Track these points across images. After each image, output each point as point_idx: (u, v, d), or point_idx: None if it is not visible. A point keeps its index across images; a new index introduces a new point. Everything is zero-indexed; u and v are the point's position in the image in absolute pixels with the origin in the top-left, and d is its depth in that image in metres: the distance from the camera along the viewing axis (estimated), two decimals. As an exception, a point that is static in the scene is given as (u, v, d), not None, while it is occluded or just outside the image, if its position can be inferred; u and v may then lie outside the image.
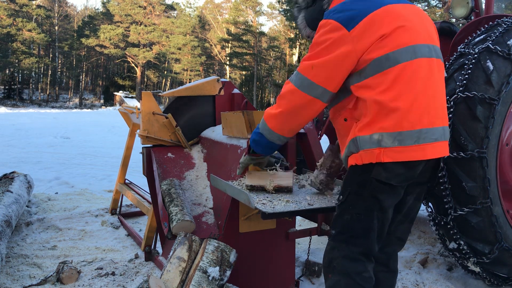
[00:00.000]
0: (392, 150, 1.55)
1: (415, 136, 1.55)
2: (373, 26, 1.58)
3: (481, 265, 2.52)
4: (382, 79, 1.57)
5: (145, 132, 2.77)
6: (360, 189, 1.65)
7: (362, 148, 1.60)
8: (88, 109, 34.14)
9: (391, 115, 1.54)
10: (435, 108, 1.62)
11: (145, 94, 2.82)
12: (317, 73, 1.64)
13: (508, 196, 2.68)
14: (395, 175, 1.60)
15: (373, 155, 1.57)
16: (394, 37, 1.58)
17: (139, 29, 38.61)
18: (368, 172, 1.61)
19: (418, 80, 1.58)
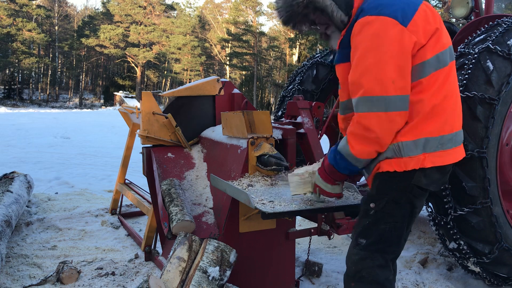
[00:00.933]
0: (435, 155, 1.54)
1: (453, 139, 1.57)
2: (425, 21, 1.52)
3: (481, 265, 2.52)
4: (435, 80, 1.52)
5: (145, 132, 2.77)
6: (399, 197, 1.59)
7: (406, 155, 1.52)
8: (88, 109, 34.14)
9: (437, 118, 1.52)
10: (460, 110, 1.64)
11: (145, 94, 2.82)
12: (401, 83, 1.47)
13: (508, 196, 2.68)
14: (434, 180, 1.58)
15: (418, 161, 1.52)
16: (440, 37, 1.54)
17: (139, 29, 38.61)
18: (408, 178, 1.56)
19: (455, 82, 1.59)
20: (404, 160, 1.53)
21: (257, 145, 2.32)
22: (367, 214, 1.64)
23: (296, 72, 4.09)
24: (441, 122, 1.53)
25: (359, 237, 1.65)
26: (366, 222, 1.64)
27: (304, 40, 31.44)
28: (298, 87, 3.87)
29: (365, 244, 1.64)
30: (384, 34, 1.46)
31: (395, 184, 1.59)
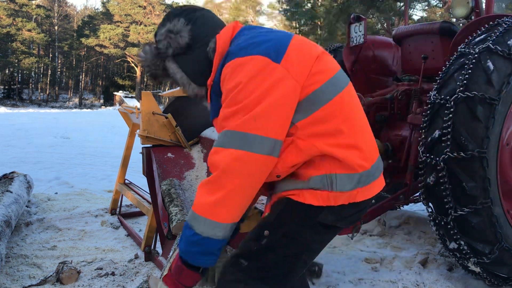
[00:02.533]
0: (366, 189, 1.40)
1: (376, 168, 1.43)
2: (300, 53, 1.35)
3: (482, 265, 2.51)
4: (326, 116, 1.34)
5: (145, 132, 2.76)
6: (297, 231, 1.40)
7: (339, 189, 1.35)
8: (88, 109, 34.12)
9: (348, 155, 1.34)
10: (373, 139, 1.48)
11: (145, 94, 2.82)
12: (264, 123, 1.28)
13: (508, 196, 2.68)
14: (344, 217, 1.41)
15: (350, 196, 1.36)
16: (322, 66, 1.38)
17: (139, 29, 38.60)
18: (313, 214, 1.37)
19: (356, 112, 1.43)
20: (310, 193, 1.35)
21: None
22: (258, 239, 1.43)
23: (296, 72, 4.08)
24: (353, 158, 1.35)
25: (241, 257, 1.44)
26: (254, 247, 1.43)
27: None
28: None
29: (246, 267, 1.42)
30: (254, 72, 1.30)
31: (298, 217, 1.39)
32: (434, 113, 2.57)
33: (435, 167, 2.48)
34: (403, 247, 3.42)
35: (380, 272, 2.92)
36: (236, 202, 1.34)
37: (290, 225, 1.40)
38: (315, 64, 1.36)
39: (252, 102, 1.29)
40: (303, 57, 1.35)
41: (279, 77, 1.30)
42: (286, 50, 1.34)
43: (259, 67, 1.31)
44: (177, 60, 1.52)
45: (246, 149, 1.28)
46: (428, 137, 2.56)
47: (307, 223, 1.39)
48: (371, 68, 3.94)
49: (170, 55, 1.51)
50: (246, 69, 1.32)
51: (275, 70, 1.30)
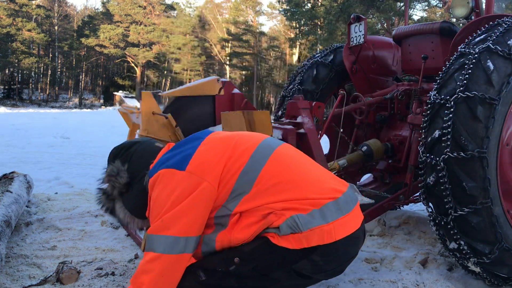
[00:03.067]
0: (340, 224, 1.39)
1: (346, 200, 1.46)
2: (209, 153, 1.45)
3: (482, 265, 2.51)
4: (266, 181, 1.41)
5: (145, 132, 2.76)
6: (268, 271, 1.40)
7: (307, 227, 1.35)
8: (88, 109, 34.12)
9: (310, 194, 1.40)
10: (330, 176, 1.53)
11: (145, 94, 2.82)
12: (171, 222, 1.36)
13: (508, 196, 2.68)
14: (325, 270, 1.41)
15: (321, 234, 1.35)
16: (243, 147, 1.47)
17: (139, 29, 38.59)
18: (289, 260, 1.38)
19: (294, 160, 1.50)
20: (306, 234, 1.35)
21: (257, 145, 2.31)
22: (226, 263, 1.43)
23: (296, 72, 4.09)
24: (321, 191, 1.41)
25: (202, 270, 1.45)
26: (219, 268, 1.44)
27: (304, 40, 31.44)
28: (298, 87, 3.86)
29: (203, 282, 1.44)
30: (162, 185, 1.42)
31: (273, 258, 1.39)
32: (434, 113, 2.57)
33: (435, 167, 2.48)
34: (403, 247, 3.42)
35: (380, 272, 2.92)
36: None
37: (263, 263, 1.40)
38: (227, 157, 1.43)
39: (163, 209, 1.37)
40: (211, 157, 1.43)
41: (185, 181, 1.38)
42: (192, 156, 1.43)
43: (166, 178, 1.41)
44: (122, 199, 1.62)
45: (155, 250, 1.36)
46: (428, 137, 2.56)
47: (281, 266, 1.39)
48: (371, 68, 3.94)
49: (117, 196, 1.61)
50: (156, 185, 1.43)
51: (181, 177, 1.39)
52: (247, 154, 1.45)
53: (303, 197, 1.39)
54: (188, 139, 1.59)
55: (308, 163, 1.55)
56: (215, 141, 1.52)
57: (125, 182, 1.59)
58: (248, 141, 1.51)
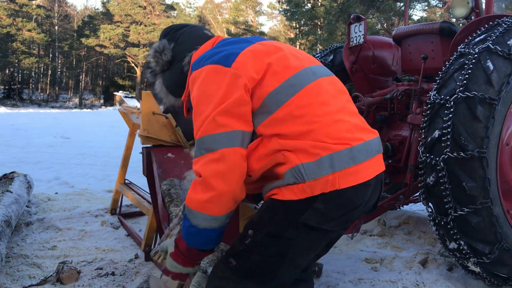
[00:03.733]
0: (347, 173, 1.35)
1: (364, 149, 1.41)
2: (254, 57, 1.43)
3: (481, 265, 2.52)
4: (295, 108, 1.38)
5: (145, 132, 2.76)
6: (279, 231, 1.39)
7: (311, 178, 1.33)
8: (88, 109, 34.12)
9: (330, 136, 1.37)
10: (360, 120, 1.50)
11: (145, 94, 2.82)
12: (224, 121, 1.37)
13: (508, 196, 2.68)
14: (332, 218, 1.39)
15: (326, 183, 1.33)
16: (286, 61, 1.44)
17: (139, 29, 38.60)
18: (295, 213, 1.37)
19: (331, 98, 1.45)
20: (309, 184, 1.34)
21: (257, 145, 2.31)
22: (243, 239, 1.45)
23: (296, 72, 4.08)
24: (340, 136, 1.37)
25: (230, 257, 1.47)
26: (239, 246, 1.46)
27: (304, 40, 31.45)
28: (298, 87, 3.86)
29: (234, 267, 1.45)
30: (207, 80, 1.42)
31: (280, 216, 1.39)
32: (434, 113, 2.57)
33: (435, 167, 2.48)
34: (403, 247, 3.42)
35: (380, 272, 2.92)
36: (226, 198, 1.40)
37: (272, 225, 1.40)
38: (268, 68, 1.41)
39: (210, 106, 1.38)
40: (254, 62, 1.42)
41: (230, 77, 1.39)
42: (238, 55, 1.42)
43: (211, 74, 1.41)
44: (162, 76, 1.70)
45: (216, 149, 1.37)
46: (428, 137, 2.56)
47: (289, 222, 1.38)
48: (371, 68, 3.94)
49: (159, 72, 1.70)
50: (200, 80, 1.43)
51: (226, 72, 1.39)
52: (288, 73, 1.42)
53: (319, 139, 1.35)
54: (236, 40, 1.57)
55: (342, 104, 1.48)
56: (263, 45, 1.50)
57: (168, 60, 1.67)
58: (295, 60, 1.48)
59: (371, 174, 1.41)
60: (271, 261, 1.41)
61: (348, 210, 1.39)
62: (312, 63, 1.52)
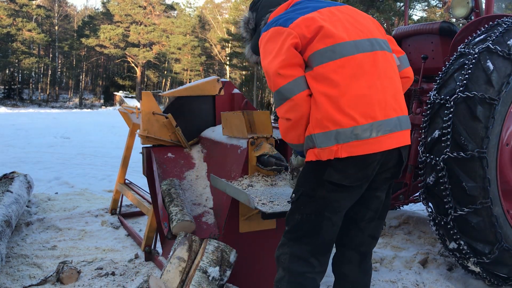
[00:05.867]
0: (349, 145, 1.56)
1: (369, 129, 1.57)
2: (309, 21, 1.65)
3: (481, 265, 2.52)
4: (329, 71, 1.59)
5: (145, 132, 2.77)
6: (312, 191, 1.65)
7: (320, 146, 1.59)
8: (88, 109, 34.12)
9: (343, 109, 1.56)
10: (385, 100, 1.62)
11: (145, 94, 2.82)
12: (286, 72, 1.61)
13: (508, 196, 2.68)
14: (347, 176, 1.60)
15: (331, 152, 1.57)
16: (333, 32, 1.62)
17: (139, 29, 38.58)
18: (320, 173, 1.61)
19: (364, 74, 1.60)
20: (318, 151, 1.60)
21: (257, 145, 2.32)
22: (290, 204, 1.76)
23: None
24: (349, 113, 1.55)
25: (286, 224, 1.75)
26: (288, 210, 1.75)
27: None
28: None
29: (285, 231, 1.74)
30: (270, 39, 1.68)
31: (308, 178, 1.67)
32: (434, 113, 2.57)
33: (435, 167, 2.48)
34: (403, 247, 3.42)
35: (380, 272, 2.92)
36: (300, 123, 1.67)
37: (305, 185, 1.68)
38: (319, 31, 1.62)
39: (272, 61, 1.63)
40: (308, 24, 1.64)
41: (285, 35, 1.63)
42: (298, 18, 1.66)
43: (273, 34, 1.68)
44: (252, 40, 2.00)
45: (289, 96, 1.61)
46: (428, 137, 2.56)
47: (317, 181, 1.63)
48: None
49: (249, 39, 2.02)
50: (265, 40, 1.70)
51: (283, 31, 1.65)
52: (334, 40, 1.61)
53: (336, 108, 1.56)
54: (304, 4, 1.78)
55: (374, 81, 1.62)
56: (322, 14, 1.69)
57: (253, 27, 1.99)
58: (344, 31, 1.65)
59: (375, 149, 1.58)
60: (311, 219, 1.66)
61: (360, 168, 1.60)
62: (361, 37, 1.67)
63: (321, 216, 1.65)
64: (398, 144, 1.64)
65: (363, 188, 1.68)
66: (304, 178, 1.70)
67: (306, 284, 1.67)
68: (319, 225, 1.66)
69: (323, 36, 1.61)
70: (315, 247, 1.68)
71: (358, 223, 1.79)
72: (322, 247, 1.69)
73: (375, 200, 1.77)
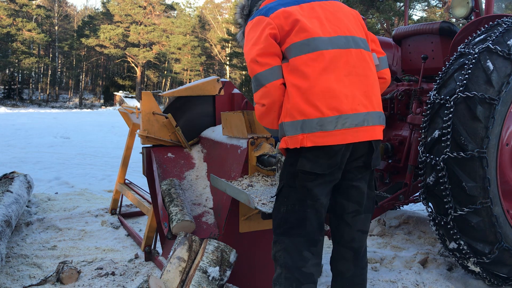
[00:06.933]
0: (314, 135, 1.63)
1: (334, 122, 1.63)
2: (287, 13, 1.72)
3: (481, 265, 2.52)
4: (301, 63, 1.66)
5: (145, 132, 2.77)
6: (290, 181, 1.72)
7: (287, 134, 1.67)
8: (88, 109, 34.11)
9: (311, 100, 1.63)
10: (353, 95, 1.67)
11: (145, 94, 2.82)
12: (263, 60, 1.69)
13: (508, 196, 2.68)
14: (318, 164, 1.67)
15: (297, 141, 1.64)
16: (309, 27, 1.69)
17: (139, 29, 38.58)
18: (294, 165, 1.70)
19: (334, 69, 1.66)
20: (286, 140, 1.69)
21: (257, 145, 2.32)
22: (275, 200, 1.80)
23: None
24: (316, 105, 1.62)
25: (272, 222, 1.79)
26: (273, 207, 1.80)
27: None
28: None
29: (273, 228, 1.78)
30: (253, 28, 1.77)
31: (287, 169, 1.74)
32: (434, 113, 2.57)
33: (435, 167, 2.48)
34: (403, 247, 3.42)
35: (380, 272, 2.92)
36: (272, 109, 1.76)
37: (285, 178, 1.75)
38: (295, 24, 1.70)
39: (252, 49, 1.72)
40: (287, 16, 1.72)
41: (265, 24, 1.72)
42: (279, 9, 1.74)
43: (255, 23, 1.77)
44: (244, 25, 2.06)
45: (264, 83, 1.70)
46: (428, 137, 2.56)
47: (292, 173, 1.71)
48: (371, 68, 3.93)
49: (243, 25, 2.09)
50: (250, 28, 1.79)
51: (264, 21, 1.74)
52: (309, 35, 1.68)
53: (304, 99, 1.64)
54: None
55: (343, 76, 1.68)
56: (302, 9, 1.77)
57: (247, 13, 2.10)
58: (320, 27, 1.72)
59: (339, 141, 1.65)
60: (295, 209, 1.71)
61: (329, 157, 1.66)
62: (338, 33, 1.73)
63: (304, 205, 1.70)
64: (365, 138, 1.70)
65: (335, 176, 1.73)
66: (283, 171, 1.77)
67: (303, 278, 1.69)
68: (304, 213, 1.70)
69: (299, 30, 1.69)
70: (306, 238, 1.71)
71: (343, 217, 1.82)
72: (312, 237, 1.72)
73: (354, 190, 1.80)
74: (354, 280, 1.85)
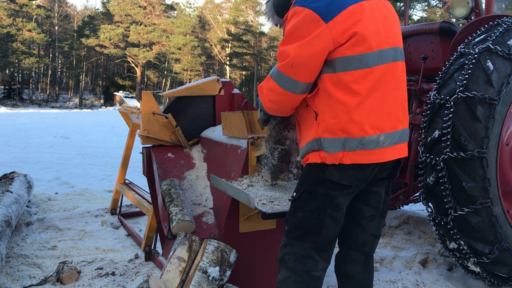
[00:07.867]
0: (355, 154, 1.59)
1: (376, 141, 1.60)
2: (349, 20, 1.56)
3: (481, 265, 2.52)
4: (351, 80, 1.57)
5: (145, 132, 2.77)
6: (313, 188, 1.67)
7: (327, 151, 1.61)
8: (88, 109, 34.12)
9: (356, 119, 1.57)
10: (395, 112, 1.66)
11: (145, 94, 2.82)
12: (298, 71, 1.60)
13: (508, 196, 2.68)
14: (348, 175, 1.63)
15: (337, 158, 1.60)
16: (366, 38, 1.58)
17: (139, 29, 38.58)
18: (322, 172, 1.64)
19: (382, 85, 1.61)
20: (324, 155, 1.62)
21: (257, 145, 2.32)
22: (290, 203, 1.76)
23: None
24: (361, 124, 1.57)
25: (285, 224, 1.76)
26: (289, 209, 1.77)
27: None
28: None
29: (287, 231, 1.74)
30: (303, 23, 1.57)
31: (310, 176, 1.69)
32: (434, 113, 2.57)
33: (435, 167, 2.48)
34: (403, 247, 3.42)
35: (380, 272, 2.92)
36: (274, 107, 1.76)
37: (307, 184, 1.69)
38: (353, 36, 1.56)
39: (294, 49, 1.58)
40: (347, 26, 1.56)
41: (320, 34, 1.55)
42: (340, 13, 1.55)
43: (307, 21, 1.56)
44: None
45: (281, 86, 1.64)
46: (428, 137, 2.56)
47: (318, 180, 1.65)
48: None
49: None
50: (297, 19, 1.59)
51: (320, 28, 1.55)
52: (362, 49, 1.57)
53: (347, 118, 1.57)
54: None
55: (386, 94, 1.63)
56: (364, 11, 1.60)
57: None
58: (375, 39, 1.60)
59: (377, 160, 1.63)
60: (313, 217, 1.67)
61: (360, 170, 1.64)
62: (389, 45, 1.65)
63: (323, 213, 1.67)
64: (398, 156, 1.70)
65: (361, 187, 1.72)
66: (306, 177, 1.71)
67: (312, 282, 1.69)
68: (321, 222, 1.67)
69: (354, 42, 1.57)
70: (319, 245, 1.69)
71: (359, 222, 1.80)
72: (325, 244, 1.70)
73: (373, 195, 1.78)
74: (364, 283, 1.85)
